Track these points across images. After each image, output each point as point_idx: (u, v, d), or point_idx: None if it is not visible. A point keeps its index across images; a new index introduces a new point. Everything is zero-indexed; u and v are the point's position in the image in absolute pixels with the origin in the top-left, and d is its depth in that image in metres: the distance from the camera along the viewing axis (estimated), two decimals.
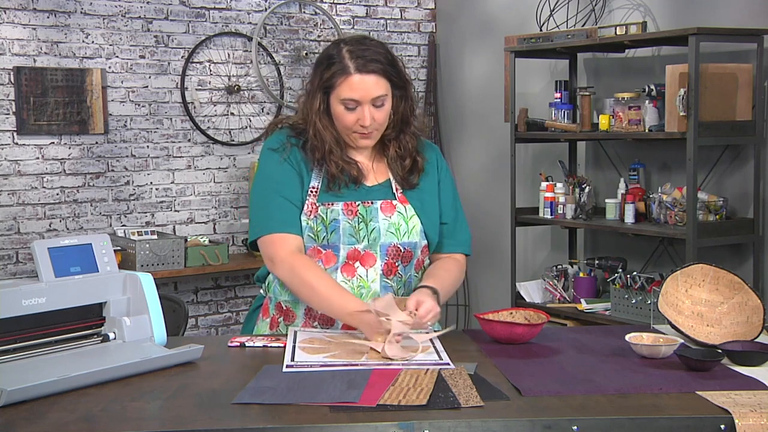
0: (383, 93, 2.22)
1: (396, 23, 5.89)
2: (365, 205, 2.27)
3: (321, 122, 2.25)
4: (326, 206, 2.26)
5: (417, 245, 2.31)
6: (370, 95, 2.19)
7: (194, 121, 5.20)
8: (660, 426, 1.62)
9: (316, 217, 2.25)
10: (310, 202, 2.27)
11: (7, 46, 4.66)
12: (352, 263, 2.26)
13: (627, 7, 4.61)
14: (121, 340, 2.03)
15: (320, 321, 2.29)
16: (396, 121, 2.31)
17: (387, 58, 2.23)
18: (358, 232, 2.26)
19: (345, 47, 2.22)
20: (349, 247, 2.25)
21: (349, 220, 2.26)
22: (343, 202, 2.26)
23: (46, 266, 1.97)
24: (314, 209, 2.26)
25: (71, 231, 4.88)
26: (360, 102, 2.20)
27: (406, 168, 2.32)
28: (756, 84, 3.94)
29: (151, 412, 1.67)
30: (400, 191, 2.32)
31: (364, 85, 2.19)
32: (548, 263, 5.04)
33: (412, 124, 2.33)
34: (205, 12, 5.23)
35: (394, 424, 1.59)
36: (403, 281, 2.30)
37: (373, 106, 2.21)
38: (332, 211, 2.25)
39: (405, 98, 2.30)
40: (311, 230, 2.25)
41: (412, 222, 2.29)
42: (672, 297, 2.20)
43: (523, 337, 2.14)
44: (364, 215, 2.27)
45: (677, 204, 4.06)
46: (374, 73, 2.20)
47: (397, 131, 2.32)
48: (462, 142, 5.80)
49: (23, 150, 4.73)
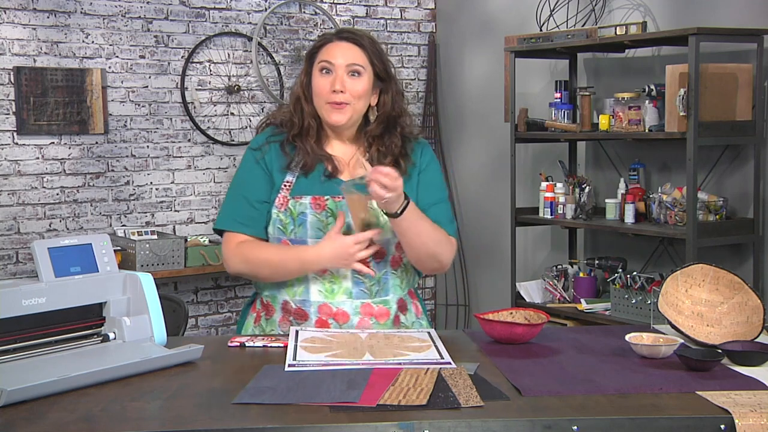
0: (359, 63, 2.27)
1: (396, 23, 5.89)
2: (335, 199, 2.28)
3: (304, 95, 2.32)
4: (296, 199, 2.29)
5: (390, 242, 2.30)
6: (345, 60, 2.26)
7: (194, 121, 5.20)
8: (660, 426, 1.62)
9: (286, 210, 2.28)
10: (282, 196, 2.30)
11: (7, 46, 4.66)
12: None
13: (627, 7, 4.61)
14: (121, 340, 2.03)
15: (295, 315, 2.30)
16: (382, 117, 2.32)
17: (372, 45, 2.31)
18: (327, 226, 2.27)
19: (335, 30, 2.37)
20: (317, 241, 2.26)
21: (316, 214, 2.27)
22: (311, 196, 2.28)
23: (46, 266, 1.97)
24: (285, 202, 2.29)
25: (71, 231, 4.88)
26: (334, 65, 2.26)
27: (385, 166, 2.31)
28: (756, 84, 3.94)
29: (151, 412, 1.67)
30: None
31: (340, 50, 2.28)
32: (548, 263, 5.04)
33: (400, 125, 2.34)
34: (205, 12, 5.23)
35: (394, 424, 1.58)
36: (377, 278, 2.30)
37: (348, 74, 2.27)
38: (300, 204, 2.28)
39: (390, 94, 2.33)
40: (281, 223, 2.29)
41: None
42: (672, 297, 2.20)
43: (523, 337, 2.14)
44: (334, 210, 2.27)
45: (677, 204, 4.06)
46: (354, 43, 2.28)
47: (382, 129, 2.33)
48: (462, 142, 5.80)
49: (23, 150, 4.73)
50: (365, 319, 2.29)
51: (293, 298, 2.30)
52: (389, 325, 2.31)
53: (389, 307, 2.32)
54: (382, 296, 2.31)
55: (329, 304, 2.28)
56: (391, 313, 2.33)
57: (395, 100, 2.34)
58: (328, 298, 2.28)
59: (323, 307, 2.28)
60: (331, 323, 2.28)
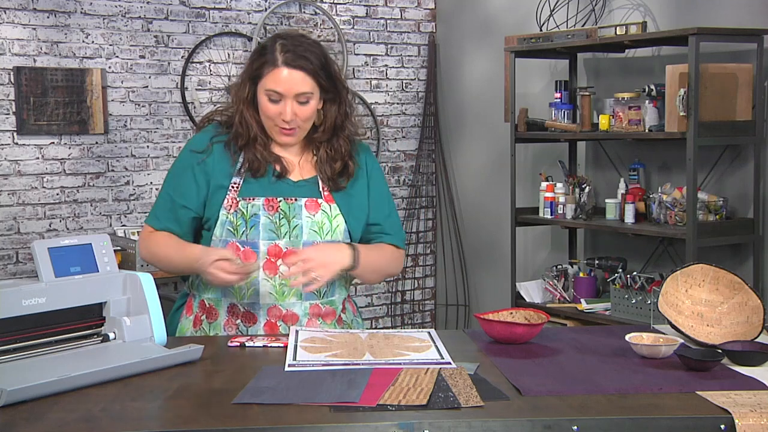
0: (308, 90, 2.23)
1: (396, 23, 5.89)
2: (288, 201, 2.28)
3: (248, 111, 2.28)
4: (247, 201, 2.27)
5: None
6: (293, 90, 2.21)
7: (194, 121, 5.20)
8: (660, 426, 1.62)
9: (236, 212, 2.27)
10: (230, 197, 2.28)
11: (7, 46, 4.66)
12: (273, 260, 2.26)
13: (627, 7, 4.61)
14: (121, 340, 2.03)
15: (243, 318, 2.30)
16: (328, 126, 2.31)
17: (320, 59, 2.24)
18: (279, 228, 2.27)
19: (279, 41, 2.24)
20: (269, 243, 2.26)
21: (269, 216, 2.26)
22: (264, 198, 2.27)
23: (46, 266, 1.97)
24: (234, 204, 2.27)
25: (71, 231, 4.88)
26: (283, 95, 2.22)
27: (335, 170, 2.32)
28: (756, 84, 3.94)
29: (151, 412, 1.67)
30: (327, 190, 2.32)
31: (288, 80, 2.21)
32: (548, 263, 5.04)
33: (346, 128, 2.34)
34: (205, 12, 5.23)
35: (394, 424, 1.58)
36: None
37: (297, 102, 2.23)
38: (253, 206, 2.27)
39: (337, 102, 2.31)
40: (231, 224, 2.27)
41: (336, 221, 2.30)
42: (672, 297, 2.20)
43: (523, 337, 2.14)
44: (287, 212, 2.27)
45: (677, 204, 4.06)
46: (301, 70, 2.21)
47: (329, 135, 2.32)
48: (462, 142, 5.80)
49: (23, 150, 4.73)
50: (313, 319, 2.30)
51: (241, 301, 2.29)
52: (334, 325, 2.34)
53: (335, 306, 2.35)
54: (329, 297, 2.34)
55: (279, 306, 2.28)
56: (336, 312, 2.35)
57: (341, 105, 2.32)
58: (278, 300, 2.28)
59: (272, 309, 2.28)
60: (280, 325, 2.28)
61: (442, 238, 5.91)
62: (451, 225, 5.87)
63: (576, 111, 4.64)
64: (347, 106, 2.34)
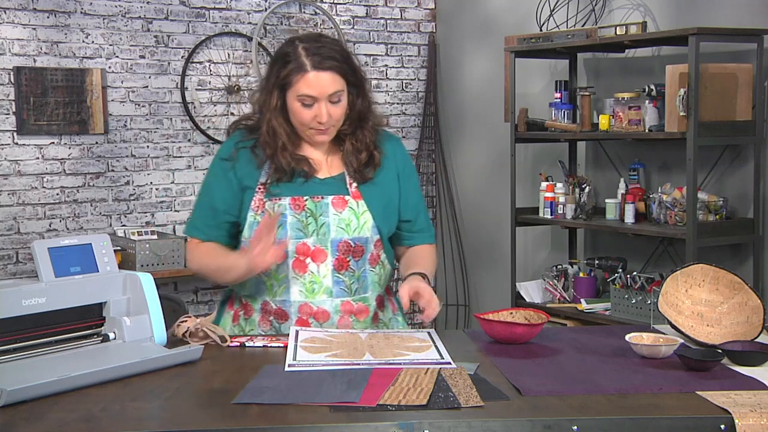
0: (339, 89, 2.24)
1: (396, 23, 5.89)
2: (314, 200, 2.29)
3: (276, 119, 2.28)
4: (273, 201, 2.29)
5: (368, 240, 2.32)
6: (326, 92, 2.22)
7: (194, 121, 5.20)
8: (660, 426, 1.62)
9: (264, 213, 2.28)
10: (257, 198, 2.30)
11: (7, 46, 4.66)
12: (302, 259, 2.28)
13: (627, 7, 4.61)
14: (121, 340, 2.03)
15: (275, 315, 2.31)
16: (353, 118, 2.33)
17: (342, 55, 2.26)
18: (307, 226, 2.28)
19: (300, 45, 2.25)
20: (297, 242, 2.27)
21: (296, 215, 2.28)
22: (290, 197, 2.29)
23: (46, 266, 1.97)
24: (261, 205, 2.29)
25: (71, 231, 4.88)
26: (317, 98, 2.23)
27: (361, 161, 2.33)
28: (756, 84, 3.94)
29: (151, 412, 1.67)
30: (355, 186, 2.32)
31: (320, 82, 2.22)
32: (548, 263, 5.04)
33: (369, 119, 2.35)
34: (205, 12, 5.23)
35: (394, 424, 1.58)
36: (356, 276, 2.31)
37: (330, 102, 2.24)
38: (279, 205, 2.28)
39: (361, 95, 2.32)
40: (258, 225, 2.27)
41: (364, 217, 2.30)
42: (672, 297, 2.20)
43: (523, 337, 2.14)
44: (313, 210, 2.28)
45: (677, 204, 4.06)
46: (330, 70, 2.22)
47: (354, 127, 2.34)
48: (462, 142, 5.80)
49: (23, 150, 4.73)
50: (345, 317, 2.30)
51: (273, 298, 2.31)
52: (368, 323, 2.34)
53: (368, 304, 2.35)
54: (361, 294, 2.33)
55: (309, 304, 2.29)
56: (370, 310, 2.35)
57: (365, 96, 2.34)
58: (308, 298, 2.29)
59: (303, 306, 2.29)
60: (312, 322, 2.29)
61: (442, 238, 5.91)
62: (451, 225, 5.87)
63: (576, 111, 4.64)
64: (369, 97, 2.36)
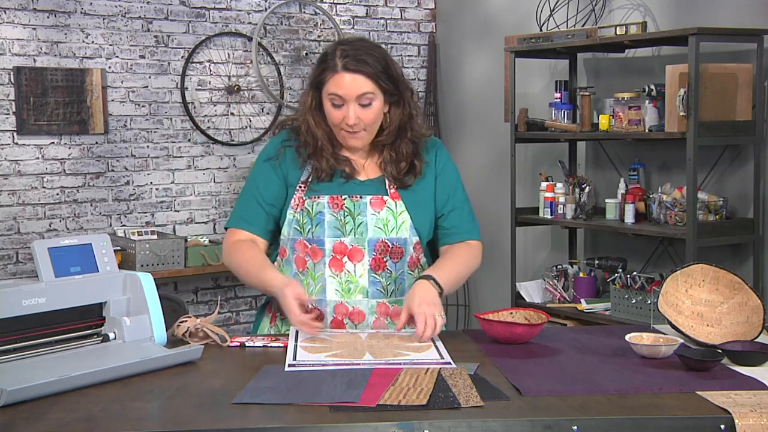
0: (368, 91, 2.23)
1: (396, 23, 5.89)
2: (353, 199, 2.30)
3: (313, 118, 2.31)
4: (312, 199, 2.30)
5: (407, 241, 2.32)
6: (353, 93, 2.22)
7: (194, 121, 5.20)
8: (660, 426, 1.62)
9: (303, 210, 2.30)
10: (297, 196, 2.31)
11: (7, 46, 4.66)
12: (339, 258, 2.28)
13: (627, 7, 4.61)
14: (121, 340, 2.03)
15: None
16: (392, 129, 2.32)
17: (380, 62, 2.25)
18: (344, 225, 2.29)
19: (339, 47, 2.27)
20: (334, 240, 2.28)
21: (334, 213, 2.29)
22: (329, 196, 2.30)
23: (46, 266, 1.97)
24: (301, 203, 2.31)
25: (71, 231, 4.88)
26: (345, 99, 2.23)
27: (401, 171, 2.34)
28: (756, 84, 3.94)
29: (151, 412, 1.67)
30: (394, 188, 2.33)
31: (348, 83, 2.22)
32: (548, 263, 5.04)
33: (410, 130, 2.34)
34: (205, 12, 5.23)
35: (394, 424, 1.58)
36: (393, 278, 2.31)
37: (359, 105, 2.24)
38: (318, 203, 2.29)
39: (401, 105, 2.31)
40: (297, 223, 2.30)
41: (402, 218, 2.30)
42: (672, 297, 2.20)
43: (523, 337, 2.14)
44: (351, 209, 2.29)
45: (677, 204, 4.06)
46: (359, 73, 2.23)
47: (393, 138, 2.33)
48: (462, 142, 5.80)
49: (23, 150, 4.73)
50: (381, 318, 2.30)
51: (309, 297, 2.30)
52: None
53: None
54: (397, 296, 2.32)
55: (345, 304, 2.29)
56: None
57: (405, 107, 2.33)
58: (344, 297, 2.28)
59: (339, 306, 2.29)
60: (347, 323, 2.28)
61: None
62: None
63: (576, 111, 4.64)
64: (411, 108, 2.34)
